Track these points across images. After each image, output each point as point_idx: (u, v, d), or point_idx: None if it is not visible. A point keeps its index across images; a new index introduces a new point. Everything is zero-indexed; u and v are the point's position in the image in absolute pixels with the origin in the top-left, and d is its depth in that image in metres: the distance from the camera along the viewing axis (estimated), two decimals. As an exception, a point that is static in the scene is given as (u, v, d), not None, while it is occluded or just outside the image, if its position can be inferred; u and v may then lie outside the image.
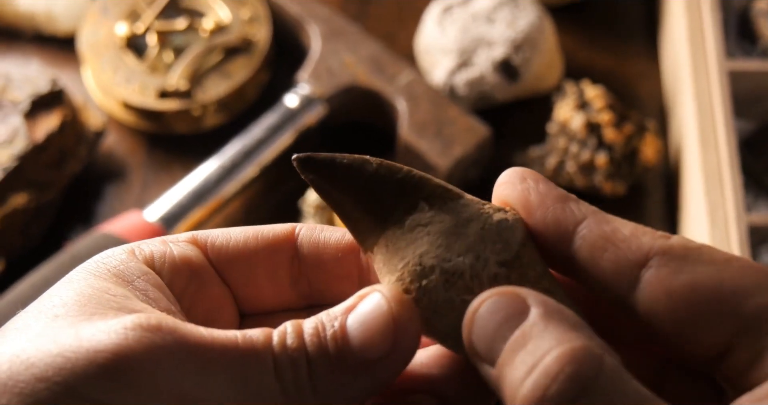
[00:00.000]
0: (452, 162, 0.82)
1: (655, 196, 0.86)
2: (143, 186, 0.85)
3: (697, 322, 0.35)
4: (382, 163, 0.39)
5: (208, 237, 0.41)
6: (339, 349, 0.36)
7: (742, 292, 0.34)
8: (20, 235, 0.80)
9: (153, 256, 0.39)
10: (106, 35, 0.87)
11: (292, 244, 0.41)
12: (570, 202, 0.38)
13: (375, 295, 0.37)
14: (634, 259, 0.36)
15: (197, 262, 0.40)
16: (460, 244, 0.38)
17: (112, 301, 0.36)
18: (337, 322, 0.36)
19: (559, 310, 0.35)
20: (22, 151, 0.79)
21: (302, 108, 0.84)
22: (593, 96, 0.83)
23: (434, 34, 0.87)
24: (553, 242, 0.37)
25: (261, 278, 0.41)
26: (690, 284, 0.35)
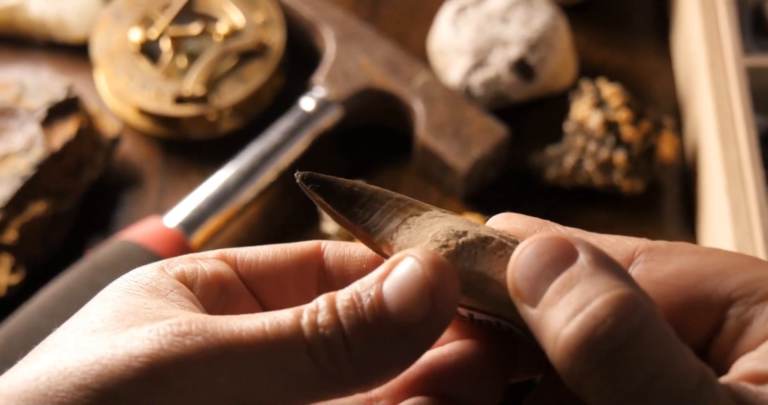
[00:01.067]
0: (471, 162, 0.81)
1: (672, 194, 0.86)
2: (160, 192, 0.85)
3: (686, 305, 0.37)
4: (379, 190, 0.41)
5: (237, 253, 0.42)
6: (377, 317, 0.36)
7: (725, 272, 0.36)
8: (39, 243, 0.80)
9: (184, 272, 0.40)
10: (119, 41, 0.87)
11: (319, 259, 0.42)
12: (550, 225, 0.40)
13: (408, 260, 0.36)
14: (622, 259, 0.37)
15: (228, 277, 0.41)
16: (479, 227, 0.39)
17: (149, 313, 0.37)
18: (373, 290, 0.36)
19: (608, 259, 0.35)
20: (39, 160, 0.79)
21: (318, 111, 0.84)
22: (610, 94, 0.83)
23: (448, 34, 0.87)
24: None
25: (290, 292, 0.42)
26: (676, 272, 0.37)
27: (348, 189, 0.41)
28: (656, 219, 0.85)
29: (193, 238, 0.78)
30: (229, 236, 0.83)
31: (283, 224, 0.84)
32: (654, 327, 0.33)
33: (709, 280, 0.36)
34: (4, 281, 0.76)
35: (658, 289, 0.37)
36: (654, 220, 0.85)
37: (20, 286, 0.77)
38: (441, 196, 0.85)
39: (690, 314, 0.37)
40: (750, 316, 0.36)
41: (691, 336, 0.37)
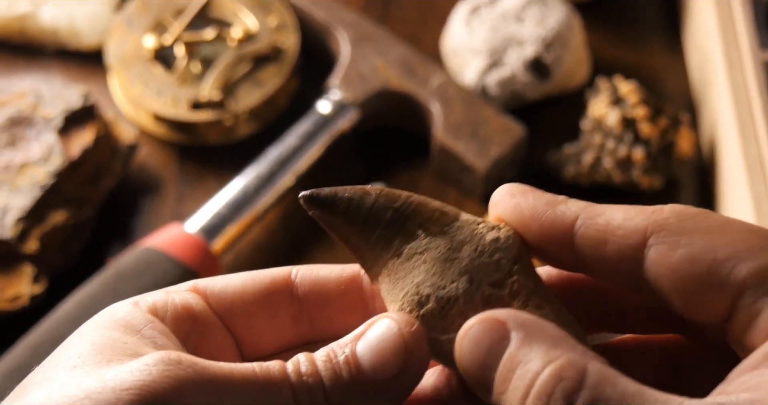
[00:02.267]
0: (490, 163, 0.81)
1: (690, 189, 0.86)
2: (178, 198, 0.85)
3: (699, 292, 0.36)
4: (381, 192, 0.41)
5: (208, 285, 0.42)
6: (351, 373, 0.38)
7: (736, 258, 0.36)
8: (60, 253, 0.79)
9: (156, 305, 0.40)
10: (133, 48, 0.86)
11: (289, 286, 0.42)
12: (559, 205, 0.39)
13: (384, 321, 0.39)
14: (634, 243, 0.37)
15: (199, 310, 0.41)
16: (454, 269, 0.39)
17: (126, 348, 0.38)
18: (348, 348, 0.38)
19: (540, 329, 0.36)
20: (58, 168, 0.79)
21: (335, 114, 0.84)
22: (627, 91, 0.83)
23: (462, 35, 0.87)
24: (554, 247, 0.39)
25: (261, 322, 0.42)
26: (688, 257, 0.36)
27: (346, 207, 0.41)
28: (675, 215, 0.85)
29: (214, 243, 0.78)
30: (249, 241, 0.83)
31: (302, 228, 0.84)
32: (596, 383, 0.34)
33: (721, 265, 0.36)
34: (27, 291, 0.76)
35: (672, 276, 0.37)
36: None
37: (43, 296, 0.77)
38: (459, 196, 0.85)
39: (703, 298, 0.36)
40: (758, 309, 0.35)
41: (708, 317, 0.37)
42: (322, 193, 0.41)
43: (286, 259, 0.82)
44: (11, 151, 0.80)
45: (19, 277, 0.77)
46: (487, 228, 0.40)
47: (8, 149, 0.80)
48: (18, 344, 0.72)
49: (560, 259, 0.40)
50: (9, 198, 0.77)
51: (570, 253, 0.39)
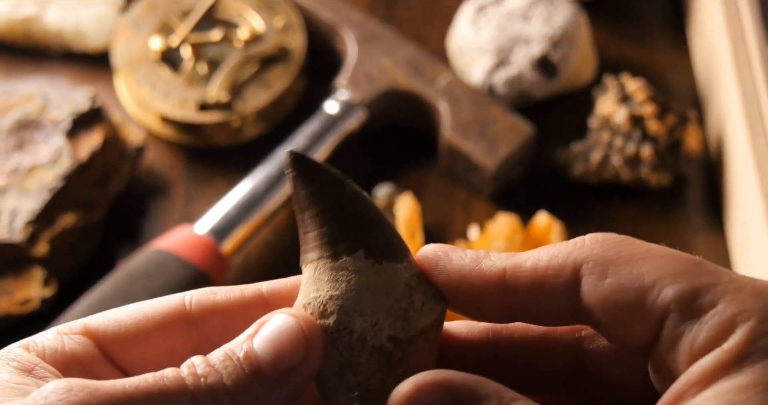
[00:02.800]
0: (499, 161, 0.81)
1: (698, 186, 0.86)
2: (186, 200, 0.85)
3: (628, 319, 0.37)
4: (360, 194, 0.40)
5: (99, 325, 0.41)
6: (252, 368, 0.38)
7: (660, 284, 0.37)
8: (69, 255, 0.79)
9: (45, 351, 0.40)
10: (139, 50, 0.86)
11: (184, 315, 0.41)
12: (483, 260, 0.40)
13: (279, 316, 0.39)
14: (566, 280, 0.38)
15: (87, 356, 0.41)
16: (367, 303, 0.39)
17: (15, 388, 0.38)
18: (245, 345, 0.39)
19: (480, 386, 0.37)
20: (67, 171, 0.79)
21: (343, 114, 0.84)
22: (635, 89, 0.83)
23: (469, 34, 0.87)
24: (488, 302, 0.40)
25: (157, 358, 0.41)
26: (615, 287, 0.37)
27: (320, 186, 0.40)
28: (683, 212, 0.85)
29: (224, 245, 0.78)
30: (259, 242, 0.83)
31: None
32: None
33: (647, 292, 0.37)
34: (38, 295, 0.76)
35: (603, 305, 0.38)
36: (681, 213, 0.85)
37: (53, 299, 0.77)
38: (468, 195, 0.85)
39: (633, 325, 0.37)
40: (680, 332, 0.37)
41: (636, 342, 0.38)
42: (310, 161, 0.40)
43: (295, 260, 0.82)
44: (19, 154, 0.80)
45: (29, 281, 0.76)
46: (422, 287, 0.40)
47: (16, 152, 0.80)
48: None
49: (494, 313, 0.40)
50: (18, 201, 0.77)
51: (503, 305, 0.40)
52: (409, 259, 0.41)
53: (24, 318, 0.76)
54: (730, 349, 0.35)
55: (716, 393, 0.35)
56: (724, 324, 0.36)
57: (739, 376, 0.35)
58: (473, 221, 0.83)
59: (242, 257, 0.82)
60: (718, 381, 0.35)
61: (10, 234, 0.76)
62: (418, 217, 0.78)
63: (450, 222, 0.83)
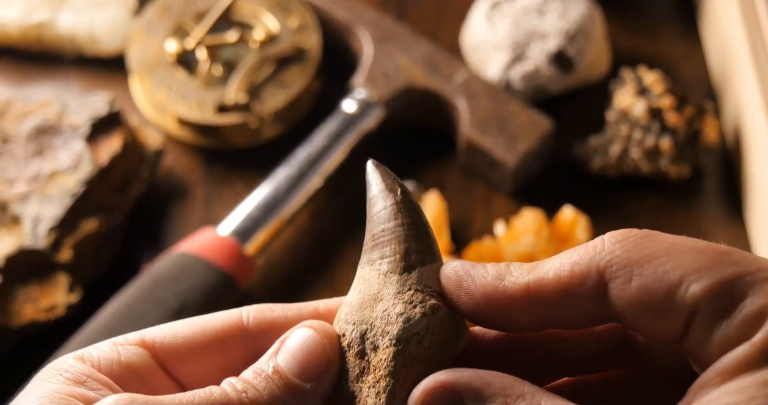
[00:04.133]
0: (519, 157, 0.82)
1: (715, 177, 0.87)
2: (206, 202, 0.85)
3: (658, 317, 0.38)
4: (394, 205, 0.42)
5: (156, 337, 0.42)
6: (282, 382, 0.40)
7: (687, 280, 0.37)
8: (92, 261, 0.79)
9: (100, 361, 0.41)
10: (154, 53, 0.86)
11: (242, 330, 0.43)
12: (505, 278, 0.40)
13: (300, 330, 0.41)
14: (592, 287, 0.38)
15: (142, 367, 0.42)
16: (363, 314, 0.41)
17: (64, 399, 0.39)
18: (271, 361, 0.41)
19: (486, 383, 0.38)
20: (88, 176, 0.78)
21: (361, 113, 0.84)
22: (652, 81, 0.83)
23: (484, 30, 0.87)
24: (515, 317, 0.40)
25: (213, 370, 0.43)
26: (642, 288, 0.37)
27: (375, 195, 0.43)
28: (703, 203, 0.85)
29: (247, 246, 0.78)
30: (282, 243, 0.82)
31: (332, 229, 0.84)
32: None
33: (674, 290, 0.37)
34: (63, 301, 0.76)
35: (632, 306, 0.38)
36: (700, 204, 0.85)
37: (78, 305, 0.77)
38: (488, 191, 0.85)
39: (663, 323, 0.37)
40: (711, 327, 0.37)
41: (667, 338, 0.38)
42: (370, 174, 0.43)
43: (318, 259, 0.82)
44: (39, 161, 0.79)
45: (54, 287, 0.76)
46: (408, 298, 0.41)
47: (36, 158, 0.79)
48: (58, 353, 0.72)
49: (523, 325, 0.40)
50: (40, 207, 0.77)
51: (532, 317, 0.40)
52: (423, 270, 0.41)
53: (50, 324, 0.76)
54: (756, 343, 0.36)
55: (739, 386, 0.35)
56: (753, 317, 0.36)
57: (763, 371, 0.35)
58: (494, 217, 0.83)
59: (264, 259, 0.82)
60: (742, 374, 0.35)
61: (34, 241, 0.76)
62: (444, 214, 0.78)
63: (471, 219, 0.84)
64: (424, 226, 0.42)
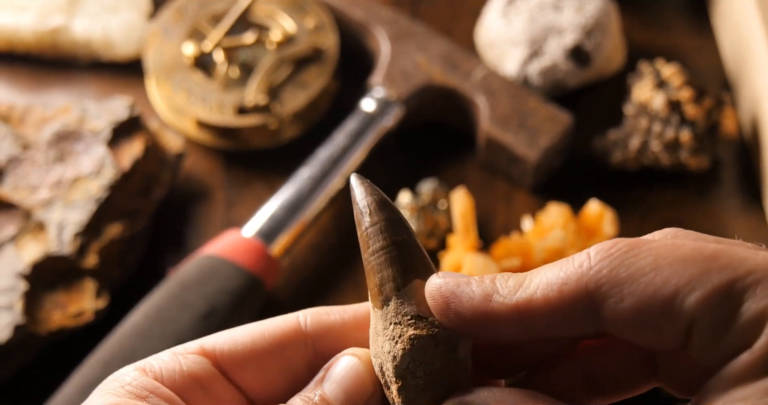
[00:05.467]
0: (540, 152, 0.82)
1: (733, 168, 0.87)
2: (227, 204, 0.85)
3: (655, 331, 0.37)
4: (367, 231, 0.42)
5: (216, 344, 0.43)
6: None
7: (679, 295, 0.36)
8: (117, 266, 0.79)
9: (162, 372, 0.41)
10: (172, 56, 0.86)
11: (300, 334, 0.43)
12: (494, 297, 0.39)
13: (344, 359, 0.42)
14: (581, 309, 0.38)
15: (205, 376, 0.42)
16: (375, 347, 0.42)
17: None
18: (319, 390, 0.41)
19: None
20: (111, 181, 0.78)
21: (381, 111, 0.84)
22: (670, 74, 0.83)
23: (499, 26, 0.87)
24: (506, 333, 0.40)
25: (274, 375, 0.43)
26: (636, 307, 0.37)
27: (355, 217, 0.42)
28: (722, 194, 0.85)
29: (272, 247, 0.78)
30: (305, 244, 0.82)
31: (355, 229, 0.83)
32: None
33: (669, 305, 0.36)
34: (91, 306, 0.75)
35: (627, 324, 0.37)
36: (719, 195, 0.85)
37: (106, 310, 0.76)
38: (508, 187, 0.85)
39: (661, 335, 0.37)
40: (710, 336, 0.36)
41: (666, 348, 0.38)
42: (351, 192, 0.43)
43: (342, 259, 0.82)
44: (61, 167, 0.79)
45: (82, 293, 0.76)
46: (390, 334, 0.41)
47: (58, 164, 0.79)
48: (89, 359, 0.72)
49: (515, 339, 0.40)
50: (65, 213, 0.77)
51: (523, 333, 0.39)
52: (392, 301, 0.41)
53: (78, 330, 0.76)
54: (757, 351, 0.35)
55: (743, 395, 0.35)
56: (752, 324, 0.36)
57: (765, 380, 0.35)
58: (516, 213, 0.83)
59: (289, 260, 0.82)
60: (745, 383, 0.35)
61: (60, 247, 0.76)
62: (471, 211, 0.78)
63: (493, 215, 0.84)
64: (400, 243, 0.41)
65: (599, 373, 0.42)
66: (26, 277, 0.74)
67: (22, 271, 0.74)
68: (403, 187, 0.83)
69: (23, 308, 0.73)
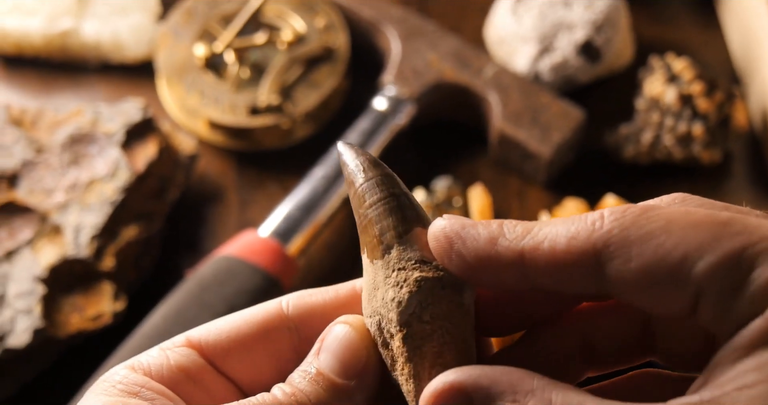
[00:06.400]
0: (553, 148, 0.82)
1: (745, 161, 0.87)
2: (241, 205, 0.85)
3: (660, 296, 0.36)
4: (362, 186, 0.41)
5: (201, 336, 0.43)
6: (326, 382, 0.40)
7: (689, 259, 0.36)
8: (133, 268, 0.79)
9: (151, 368, 0.41)
10: (183, 58, 0.86)
11: (283, 319, 0.43)
12: (499, 240, 0.39)
13: (336, 327, 0.41)
14: (586, 265, 0.37)
15: (194, 367, 0.42)
16: (372, 304, 0.41)
17: None
18: (315, 362, 0.41)
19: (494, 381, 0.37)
20: (126, 183, 0.78)
21: (392, 110, 0.84)
22: (681, 68, 0.84)
23: (509, 23, 0.88)
24: (508, 280, 0.39)
25: (261, 361, 0.43)
26: (642, 268, 0.36)
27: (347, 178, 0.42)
28: (733, 186, 0.86)
29: (289, 247, 0.78)
30: (321, 243, 0.83)
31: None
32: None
33: (676, 270, 0.36)
34: (109, 309, 0.75)
35: (632, 286, 0.37)
36: (731, 187, 0.86)
37: (124, 312, 0.76)
38: (521, 184, 0.85)
39: (667, 300, 0.37)
40: (721, 304, 0.36)
41: (673, 314, 0.37)
42: (340, 158, 0.42)
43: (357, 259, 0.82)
44: (76, 170, 0.79)
45: (100, 296, 0.76)
46: (394, 281, 0.40)
47: (72, 168, 0.79)
48: (108, 362, 0.72)
49: (516, 287, 0.39)
50: (81, 216, 0.77)
51: (524, 281, 0.39)
52: (394, 249, 0.40)
53: (97, 333, 0.76)
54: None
55: (757, 363, 0.34)
56: (764, 290, 0.35)
57: None
58: (529, 209, 0.83)
59: (305, 259, 0.82)
60: (758, 350, 0.35)
61: (77, 250, 0.76)
62: (489, 208, 0.79)
63: (506, 211, 0.84)
64: (398, 195, 0.41)
65: (596, 339, 0.41)
66: (44, 280, 0.74)
67: (40, 275, 0.74)
68: (417, 185, 0.83)
69: (42, 312, 0.73)
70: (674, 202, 0.39)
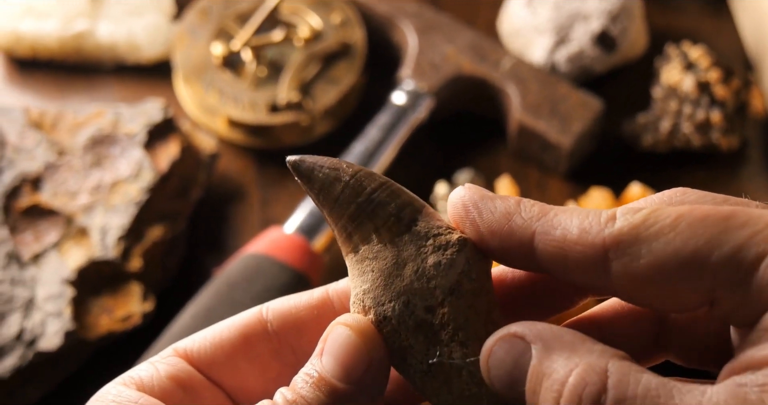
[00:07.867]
0: (574, 138, 0.82)
1: (762, 146, 0.88)
2: (262, 203, 0.85)
3: (671, 293, 0.37)
4: (353, 179, 0.41)
5: (187, 345, 0.44)
6: (328, 387, 0.40)
7: (701, 254, 0.36)
8: (160, 268, 0.79)
9: (142, 380, 0.42)
10: (200, 57, 0.86)
11: (263, 325, 0.44)
12: (514, 217, 0.39)
13: (337, 329, 0.41)
14: (594, 258, 0.37)
15: (184, 376, 0.43)
16: (395, 286, 0.40)
17: None
18: (317, 365, 0.40)
19: (556, 337, 0.37)
20: (150, 183, 0.78)
21: (411, 104, 0.84)
22: (698, 56, 0.84)
23: (524, 15, 0.88)
24: (516, 257, 0.40)
25: (244, 366, 0.44)
26: (652, 267, 0.36)
27: (319, 188, 0.41)
28: (751, 172, 0.86)
29: (314, 243, 0.78)
30: (345, 238, 0.83)
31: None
32: (618, 382, 0.35)
33: (687, 267, 0.36)
34: (138, 310, 0.76)
35: (640, 285, 0.37)
36: (749, 173, 0.86)
37: (153, 313, 0.76)
38: (540, 175, 0.86)
39: (678, 298, 0.37)
40: (739, 296, 0.36)
41: (685, 311, 0.37)
42: (303, 165, 0.42)
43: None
44: (98, 171, 0.79)
45: (128, 296, 0.76)
46: (433, 247, 0.40)
47: (95, 169, 0.79)
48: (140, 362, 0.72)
49: (522, 265, 0.40)
50: (106, 218, 0.77)
51: (532, 261, 0.39)
52: (420, 222, 0.40)
53: (126, 334, 0.76)
54: None
55: None
56: None
57: None
58: (550, 200, 0.84)
59: (330, 255, 0.82)
60: None
61: (104, 251, 0.76)
62: (516, 199, 0.79)
63: (528, 202, 0.84)
64: (392, 182, 0.41)
65: (611, 340, 0.41)
66: (72, 283, 0.74)
67: (68, 277, 0.74)
68: (439, 178, 0.83)
69: (72, 314, 0.73)
70: (675, 196, 0.40)
